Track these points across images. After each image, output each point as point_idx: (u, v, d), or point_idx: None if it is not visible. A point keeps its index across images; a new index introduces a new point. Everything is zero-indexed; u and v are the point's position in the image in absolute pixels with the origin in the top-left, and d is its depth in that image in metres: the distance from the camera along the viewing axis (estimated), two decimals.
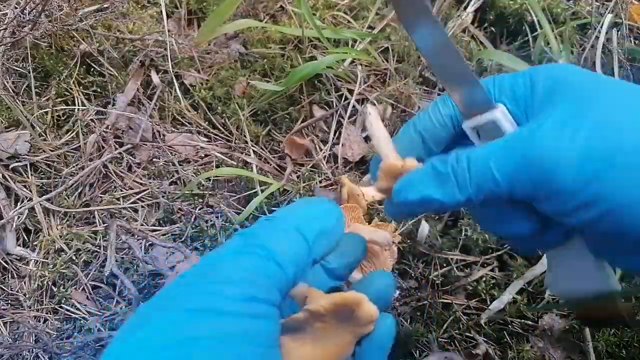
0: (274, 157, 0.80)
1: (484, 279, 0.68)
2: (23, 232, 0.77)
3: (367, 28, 0.88)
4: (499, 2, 0.88)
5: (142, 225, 0.75)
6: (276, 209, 0.74)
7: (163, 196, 0.75)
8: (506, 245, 0.70)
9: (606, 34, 0.81)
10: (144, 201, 0.77)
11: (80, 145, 0.81)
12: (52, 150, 0.80)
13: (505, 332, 0.65)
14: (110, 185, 0.79)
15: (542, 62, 0.82)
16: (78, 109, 0.83)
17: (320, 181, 0.76)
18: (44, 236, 0.75)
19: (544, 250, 0.41)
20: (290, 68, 0.82)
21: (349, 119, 0.80)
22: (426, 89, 0.83)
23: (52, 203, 0.77)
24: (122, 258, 0.73)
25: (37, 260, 0.74)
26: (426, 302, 0.67)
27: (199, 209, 0.75)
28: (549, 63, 0.79)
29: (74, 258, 0.74)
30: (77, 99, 0.84)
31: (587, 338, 0.63)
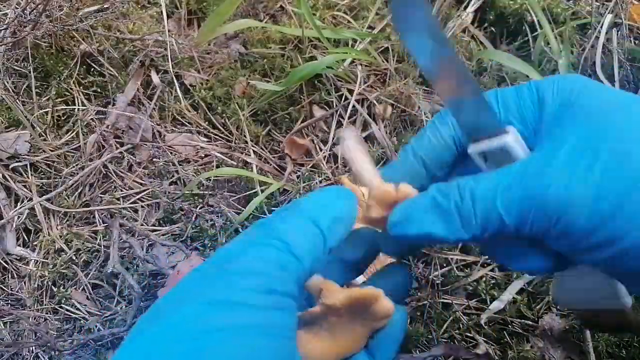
0: (274, 157, 0.80)
1: (484, 279, 0.68)
2: (23, 232, 0.77)
3: (367, 28, 0.88)
4: (499, 2, 0.88)
5: (142, 225, 0.76)
6: (276, 209, 0.74)
7: (163, 196, 0.76)
8: None
9: (606, 34, 0.81)
10: (144, 201, 0.77)
11: (80, 145, 0.81)
12: (52, 150, 0.80)
13: (505, 332, 0.65)
14: (110, 185, 0.79)
15: (542, 62, 0.82)
16: (78, 109, 0.83)
17: (321, 181, 0.76)
18: (44, 236, 0.75)
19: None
20: (290, 68, 0.82)
21: (349, 119, 0.80)
22: (426, 89, 0.83)
23: (52, 203, 0.77)
24: (123, 257, 0.73)
25: (37, 260, 0.74)
26: (426, 302, 0.67)
27: (200, 209, 0.75)
28: (557, 74, 0.79)
29: (74, 258, 0.74)
30: (77, 99, 0.84)
31: (587, 338, 0.63)
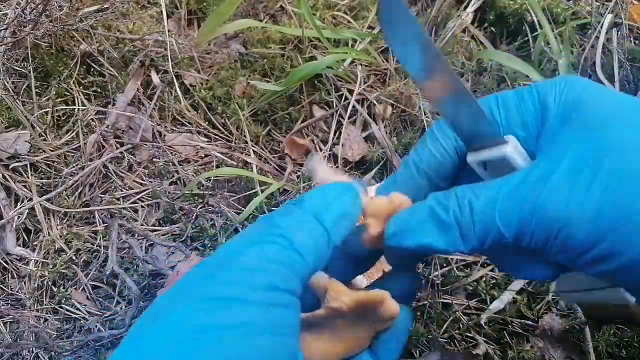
0: (274, 157, 0.80)
1: (484, 279, 0.68)
2: (23, 232, 0.77)
3: (367, 28, 0.88)
4: (499, 2, 0.88)
5: (142, 225, 0.76)
6: (276, 209, 0.74)
7: (163, 196, 0.76)
8: None
9: (606, 34, 0.81)
10: (144, 201, 0.77)
11: (80, 145, 0.81)
12: (52, 150, 0.80)
13: (505, 332, 0.65)
14: (110, 185, 0.79)
15: (542, 62, 0.82)
16: (78, 109, 0.83)
17: None
18: (44, 236, 0.75)
19: None
20: (290, 68, 0.82)
21: (349, 119, 0.80)
22: None
23: (52, 203, 0.77)
24: (122, 257, 0.73)
25: (37, 260, 0.74)
26: (426, 302, 0.67)
27: (200, 209, 0.75)
28: (557, 74, 0.79)
29: (74, 258, 0.74)
30: (77, 99, 0.84)
31: (587, 338, 0.63)
